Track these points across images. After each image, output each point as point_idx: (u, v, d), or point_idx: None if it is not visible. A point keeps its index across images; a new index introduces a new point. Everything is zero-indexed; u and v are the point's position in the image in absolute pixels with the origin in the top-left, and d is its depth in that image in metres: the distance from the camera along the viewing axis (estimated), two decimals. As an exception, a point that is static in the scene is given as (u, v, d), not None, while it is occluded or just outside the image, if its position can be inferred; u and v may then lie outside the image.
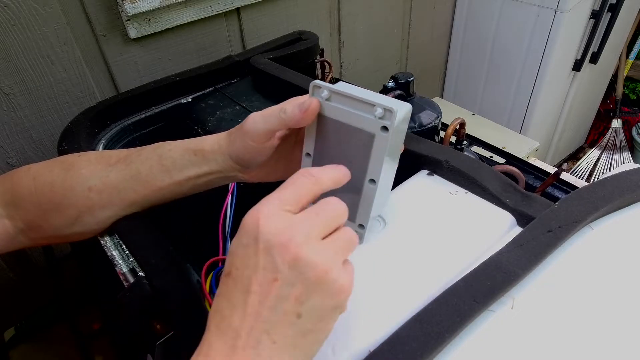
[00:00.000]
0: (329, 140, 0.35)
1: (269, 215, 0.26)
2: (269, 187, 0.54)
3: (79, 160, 0.43)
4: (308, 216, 0.26)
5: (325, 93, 0.33)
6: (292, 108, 0.34)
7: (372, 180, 0.34)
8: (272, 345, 0.24)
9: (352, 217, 0.36)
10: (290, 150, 0.41)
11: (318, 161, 0.36)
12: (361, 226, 0.36)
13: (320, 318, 0.25)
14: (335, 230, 0.27)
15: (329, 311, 0.25)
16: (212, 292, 0.39)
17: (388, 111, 0.31)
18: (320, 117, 0.35)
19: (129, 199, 0.42)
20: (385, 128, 0.32)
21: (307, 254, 0.24)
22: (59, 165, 0.42)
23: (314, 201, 0.28)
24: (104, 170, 0.41)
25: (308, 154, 0.37)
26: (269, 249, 0.25)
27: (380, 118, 0.31)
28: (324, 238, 0.26)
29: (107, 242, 0.43)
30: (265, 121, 0.36)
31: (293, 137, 0.41)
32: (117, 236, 0.43)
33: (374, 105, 0.31)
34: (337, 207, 0.28)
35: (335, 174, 0.30)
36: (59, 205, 0.41)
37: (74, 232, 0.43)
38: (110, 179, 0.41)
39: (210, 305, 0.36)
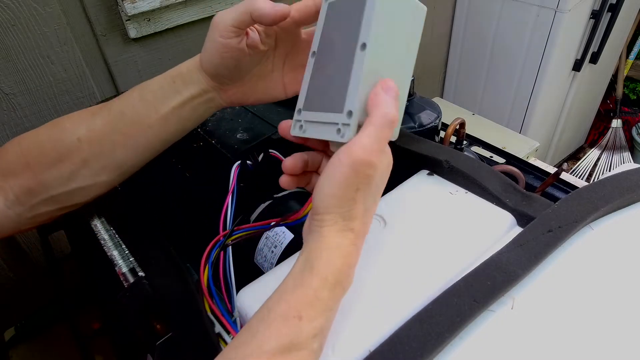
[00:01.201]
0: (330, 29, 0.33)
1: (368, 168, 0.29)
2: (268, 188, 0.54)
3: (62, 118, 0.43)
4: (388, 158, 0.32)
5: None
6: (265, 5, 0.35)
7: (363, 46, 0.30)
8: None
9: (339, 107, 0.31)
10: (267, 70, 0.42)
11: (320, 57, 0.34)
12: (349, 113, 0.30)
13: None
14: None
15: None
16: (210, 285, 0.39)
17: None
18: (328, 7, 0.34)
19: (119, 142, 0.41)
20: None
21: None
22: (44, 127, 0.42)
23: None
24: (88, 119, 0.41)
25: (313, 53, 0.35)
26: (368, 193, 0.30)
27: None
28: None
29: (107, 242, 0.43)
30: (234, 10, 0.36)
31: (270, 58, 0.41)
32: (117, 236, 0.43)
33: None
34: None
35: (396, 96, 0.31)
36: (50, 163, 0.40)
37: (69, 189, 0.42)
38: (97, 126, 0.41)
39: (207, 302, 0.37)
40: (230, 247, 0.45)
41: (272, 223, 0.44)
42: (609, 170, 0.74)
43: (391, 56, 0.32)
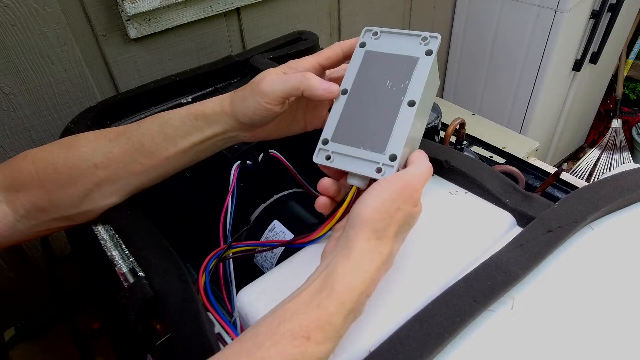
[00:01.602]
0: (369, 74, 0.37)
1: (418, 199, 0.33)
2: (268, 188, 0.54)
3: (77, 139, 0.42)
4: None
5: (374, 31, 0.38)
6: (318, 84, 0.37)
7: (412, 102, 0.35)
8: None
9: (380, 148, 0.34)
10: (292, 111, 0.43)
11: (354, 96, 0.37)
12: (393, 157, 0.34)
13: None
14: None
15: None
16: (207, 289, 0.39)
17: (433, 37, 0.36)
18: (365, 54, 0.38)
19: (135, 171, 0.42)
20: (429, 52, 0.35)
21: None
22: (57, 147, 0.42)
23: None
24: (105, 146, 0.41)
25: (345, 90, 0.37)
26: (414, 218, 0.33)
27: (424, 44, 0.36)
28: None
29: (107, 242, 0.43)
30: (285, 85, 0.37)
31: (295, 100, 0.42)
32: (117, 236, 0.43)
33: (420, 35, 0.36)
34: None
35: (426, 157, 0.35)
36: (64, 185, 0.41)
37: (80, 211, 0.42)
38: (115, 154, 0.41)
39: (207, 302, 0.37)
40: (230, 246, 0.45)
41: (276, 244, 0.43)
42: (609, 170, 0.74)
43: (425, 105, 0.37)
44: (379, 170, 0.34)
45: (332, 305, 0.28)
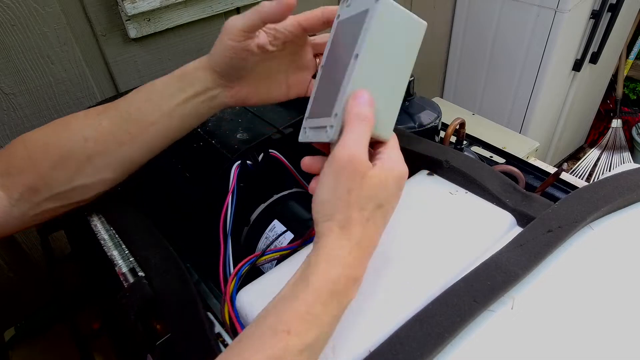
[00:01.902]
0: (338, 43, 0.35)
1: (365, 166, 0.30)
2: (268, 188, 0.54)
3: (67, 119, 0.43)
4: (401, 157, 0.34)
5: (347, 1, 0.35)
6: (272, 4, 0.37)
7: (356, 56, 0.31)
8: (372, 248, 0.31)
9: (330, 111, 0.33)
10: (273, 71, 0.43)
11: (326, 69, 0.36)
12: (335, 115, 0.32)
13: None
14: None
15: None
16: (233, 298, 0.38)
17: None
18: (337, 25, 0.36)
19: (124, 141, 0.42)
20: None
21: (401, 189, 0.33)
22: (50, 127, 0.43)
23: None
24: (94, 119, 0.42)
25: (322, 67, 0.37)
26: (398, 181, 0.32)
27: None
28: None
29: (107, 242, 0.43)
30: (243, 16, 0.38)
31: (277, 59, 0.43)
32: (117, 236, 0.43)
33: None
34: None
35: (369, 101, 0.32)
36: (56, 162, 0.41)
37: (73, 187, 0.42)
38: (104, 126, 0.42)
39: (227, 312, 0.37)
40: (230, 247, 0.45)
41: (295, 246, 0.44)
42: (609, 170, 0.74)
43: (385, 67, 0.33)
44: (325, 133, 0.32)
45: (309, 295, 0.28)
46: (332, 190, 0.30)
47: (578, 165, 1.91)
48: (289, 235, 0.48)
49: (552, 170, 0.55)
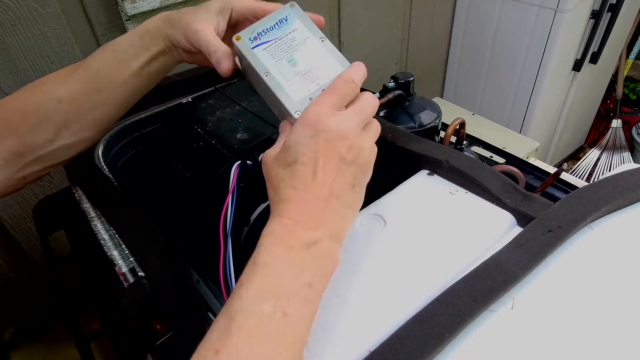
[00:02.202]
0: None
1: (326, 115, 0.31)
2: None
3: (39, 82, 0.44)
4: (354, 112, 0.33)
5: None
6: (219, 62, 0.40)
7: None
8: (340, 206, 0.31)
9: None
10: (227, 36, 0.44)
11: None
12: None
13: (361, 192, 0.33)
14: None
15: (364, 186, 0.33)
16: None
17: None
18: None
19: (97, 101, 0.44)
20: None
21: (359, 142, 0.32)
22: (23, 91, 0.44)
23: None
24: (65, 81, 0.43)
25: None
26: (330, 140, 0.31)
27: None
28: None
29: (107, 242, 0.43)
30: (199, 42, 0.40)
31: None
32: (117, 236, 0.43)
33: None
34: (373, 102, 0.35)
35: (363, 72, 0.35)
36: (35, 125, 0.42)
37: (55, 148, 0.44)
38: (75, 86, 0.43)
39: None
40: (230, 247, 0.45)
41: None
42: (609, 170, 0.74)
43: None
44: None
45: (253, 259, 0.29)
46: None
47: (578, 165, 1.91)
48: (289, 235, 0.48)
49: (552, 170, 0.55)
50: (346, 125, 0.31)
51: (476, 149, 0.62)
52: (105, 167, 0.50)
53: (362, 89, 0.36)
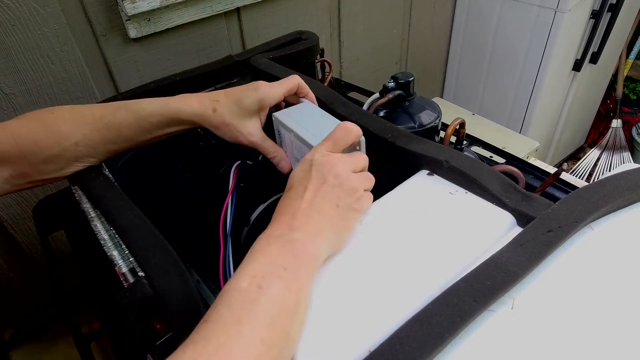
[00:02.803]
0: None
1: (319, 154, 0.39)
2: (268, 188, 0.54)
3: (54, 117, 0.46)
4: (345, 155, 0.39)
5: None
6: (280, 164, 0.49)
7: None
8: (320, 216, 0.35)
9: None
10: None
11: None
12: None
13: (348, 213, 0.37)
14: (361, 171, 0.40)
15: (353, 212, 0.38)
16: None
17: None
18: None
19: (113, 149, 0.49)
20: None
21: (344, 172, 0.37)
22: (35, 123, 0.45)
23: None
24: (84, 127, 0.46)
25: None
26: (319, 167, 0.37)
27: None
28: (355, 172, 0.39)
29: (107, 242, 0.43)
30: (256, 146, 0.49)
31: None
32: (117, 236, 0.43)
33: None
34: (364, 158, 0.41)
35: (359, 130, 0.41)
36: (48, 159, 0.45)
37: (61, 175, 0.48)
38: (94, 137, 0.46)
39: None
40: (230, 247, 0.45)
41: None
42: (609, 170, 0.74)
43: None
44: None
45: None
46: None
47: (578, 165, 1.91)
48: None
49: (552, 170, 0.55)
50: (333, 158, 0.38)
51: (476, 149, 0.62)
52: (105, 167, 0.50)
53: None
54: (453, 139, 0.56)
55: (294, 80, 0.51)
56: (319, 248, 0.34)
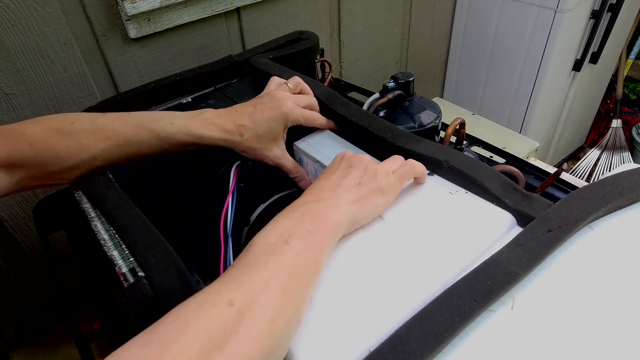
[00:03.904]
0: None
1: (350, 154, 0.44)
2: (268, 188, 0.54)
3: (74, 129, 0.46)
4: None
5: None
6: (301, 182, 0.53)
7: None
8: (344, 193, 0.39)
9: None
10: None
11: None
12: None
13: (370, 191, 0.39)
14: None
15: (376, 191, 0.40)
16: None
17: None
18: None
19: (127, 162, 0.49)
20: None
21: (371, 161, 0.42)
22: (55, 134, 0.45)
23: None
24: (103, 142, 0.46)
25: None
26: (348, 158, 0.42)
27: None
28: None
29: (107, 242, 0.43)
30: (282, 166, 0.52)
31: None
32: (117, 236, 0.43)
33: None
34: (410, 166, 0.43)
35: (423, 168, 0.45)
36: (65, 169, 0.46)
37: (73, 178, 0.48)
38: (113, 152, 0.47)
39: None
40: (230, 247, 0.45)
41: None
42: (609, 170, 0.74)
43: None
44: None
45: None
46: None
47: (578, 165, 1.91)
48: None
49: (552, 170, 0.55)
50: (364, 156, 0.43)
51: (476, 149, 0.62)
52: (105, 167, 0.50)
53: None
54: (453, 139, 0.56)
55: (302, 86, 0.55)
56: (342, 217, 0.36)
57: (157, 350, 0.24)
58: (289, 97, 0.52)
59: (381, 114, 0.58)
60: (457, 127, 0.54)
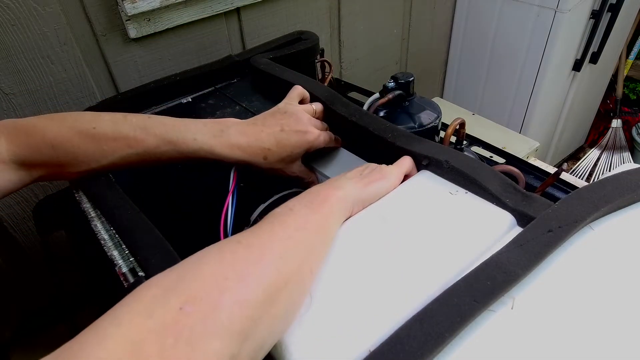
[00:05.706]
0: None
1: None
2: (268, 188, 0.54)
3: (96, 133, 0.46)
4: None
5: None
6: (309, 183, 0.54)
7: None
8: (346, 178, 0.43)
9: None
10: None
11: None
12: None
13: (374, 177, 0.43)
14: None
15: (379, 177, 0.43)
16: None
17: None
18: None
19: (144, 166, 0.50)
20: None
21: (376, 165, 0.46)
22: (77, 137, 0.45)
23: None
24: (124, 150, 0.46)
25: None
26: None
27: None
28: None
29: (107, 242, 0.43)
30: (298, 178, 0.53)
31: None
32: (117, 236, 0.43)
33: None
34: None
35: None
36: (82, 171, 0.47)
37: (88, 175, 0.48)
38: (132, 159, 0.48)
39: None
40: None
41: None
42: (609, 170, 0.74)
43: None
44: None
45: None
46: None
47: (578, 165, 1.91)
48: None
49: (552, 170, 0.55)
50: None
51: (476, 149, 0.62)
52: (105, 167, 0.50)
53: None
54: (453, 139, 0.56)
55: (317, 107, 0.57)
56: (345, 194, 0.39)
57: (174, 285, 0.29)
58: (313, 122, 0.52)
59: (381, 114, 0.58)
60: (457, 127, 0.54)
